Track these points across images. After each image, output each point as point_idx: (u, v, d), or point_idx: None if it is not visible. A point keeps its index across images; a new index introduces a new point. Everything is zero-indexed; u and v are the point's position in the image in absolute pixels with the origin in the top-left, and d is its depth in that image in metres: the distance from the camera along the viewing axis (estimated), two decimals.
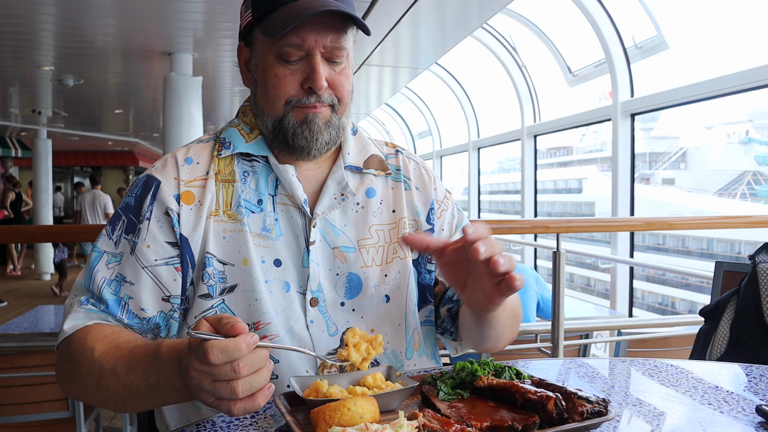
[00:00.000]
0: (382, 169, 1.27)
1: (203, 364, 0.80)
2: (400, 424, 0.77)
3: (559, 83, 7.85)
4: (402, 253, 1.23)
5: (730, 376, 1.09)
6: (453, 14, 5.97)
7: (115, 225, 1.15)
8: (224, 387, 0.80)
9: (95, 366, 0.98)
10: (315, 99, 1.12)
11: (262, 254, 1.14)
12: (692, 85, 5.29)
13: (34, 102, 10.21)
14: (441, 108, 12.07)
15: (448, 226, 1.31)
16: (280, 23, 1.07)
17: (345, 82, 1.16)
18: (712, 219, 3.65)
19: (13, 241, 10.09)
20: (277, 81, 1.12)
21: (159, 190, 1.13)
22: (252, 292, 1.12)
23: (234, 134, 1.21)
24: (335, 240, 1.19)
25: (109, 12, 5.31)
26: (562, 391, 0.85)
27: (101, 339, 1.01)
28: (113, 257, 1.12)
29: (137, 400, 0.96)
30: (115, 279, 1.10)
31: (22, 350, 2.53)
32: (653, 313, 10.93)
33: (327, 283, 1.17)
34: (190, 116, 6.53)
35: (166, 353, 0.90)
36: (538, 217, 8.41)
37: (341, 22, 1.11)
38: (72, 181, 21.07)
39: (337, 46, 1.11)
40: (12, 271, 12.15)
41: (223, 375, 0.79)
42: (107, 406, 1.03)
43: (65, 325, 1.07)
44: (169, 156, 1.19)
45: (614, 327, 3.53)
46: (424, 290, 1.28)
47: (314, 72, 1.10)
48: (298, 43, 1.09)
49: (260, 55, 1.15)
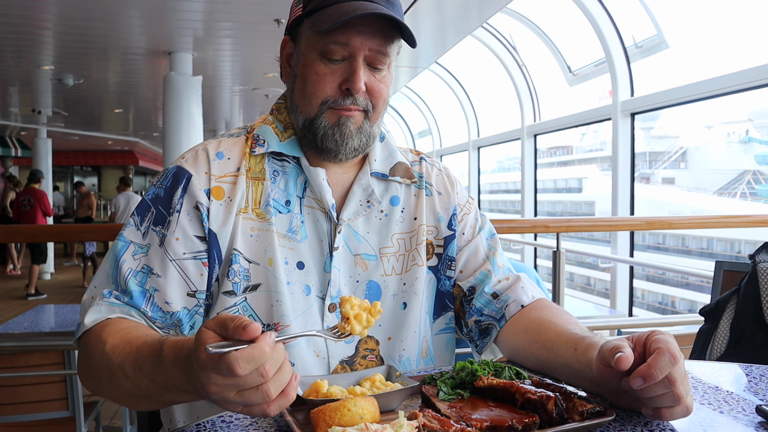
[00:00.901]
0: (408, 177, 1.26)
1: (227, 378, 0.74)
2: (400, 424, 0.77)
3: (559, 82, 7.85)
4: (420, 260, 1.22)
5: (730, 376, 1.09)
6: (453, 13, 5.97)
7: (144, 216, 1.12)
8: (254, 394, 0.76)
9: (105, 360, 0.95)
10: (351, 101, 1.11)
11: (286, 255, 1.13)
12: (692, 85, 5.29)
13: (34, 101, 10.22)
14: (441, 107, 12.08)
15: (470, 230, 1.29)
16: (329, 19, 1.06)
17: (383, 90, 1.15)
18: (712, 218, 3.65)
19: (13, 241, 10.09)
20: (317, 79, 1.11)
21: (190, 184, 1.12)
22: (275, 292, 1.11)
23: (268, 132, 1.19)
24: (357, 247, 1.18)
25: (109, 12, 5.31)
26: (562, 391, 0.85)
27: (115, 333, 0.99)
28: (140, 248, 1.10)
29: (148, 399, 0.94)
30: (141, 270, 1.08)
31: (22, 350, 2.53)
32: (653, 312, 10.94)
33: (346, 290, 1.16)
34: (189, 115, 6.53)
35: (168, 356, 0.86)
36: (538, 216, 8.41)
37: (389, 29, 1.10)
38: (72, 181, 21.06)
39: (381, 51, 1.11)
40: (12, 270, 12.15)
41: (250, 383, 0.75)
42: (123, 402, 1.00)
43: (86, 319, 1.04)
44: (200, 148, 1.17)
45: (614, 326, 3.54)
46: (443, 297, 1.26)
47: (354, 74, 1.09)
48: (344, 42, 1.08)
49: (304, 50, 1.14)
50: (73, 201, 19.31)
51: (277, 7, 5.19)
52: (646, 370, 0.79)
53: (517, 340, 1.15)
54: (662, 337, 0.83)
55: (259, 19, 5.50)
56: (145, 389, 0.91)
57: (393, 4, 1.13)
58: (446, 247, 1.26)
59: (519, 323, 1.17)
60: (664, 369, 0.79)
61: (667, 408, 0.81)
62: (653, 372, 0.79)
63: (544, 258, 8.49)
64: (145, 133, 15.94)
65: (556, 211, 13.65)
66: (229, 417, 0.90)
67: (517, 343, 1.15)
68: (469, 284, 1.25)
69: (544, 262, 8.67)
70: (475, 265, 1.26)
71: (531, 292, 1.22)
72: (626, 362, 0.81)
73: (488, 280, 1.23)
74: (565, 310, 1.17)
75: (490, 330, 1.22)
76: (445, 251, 1.26)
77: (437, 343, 1.26)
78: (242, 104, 11.04)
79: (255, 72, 7.99)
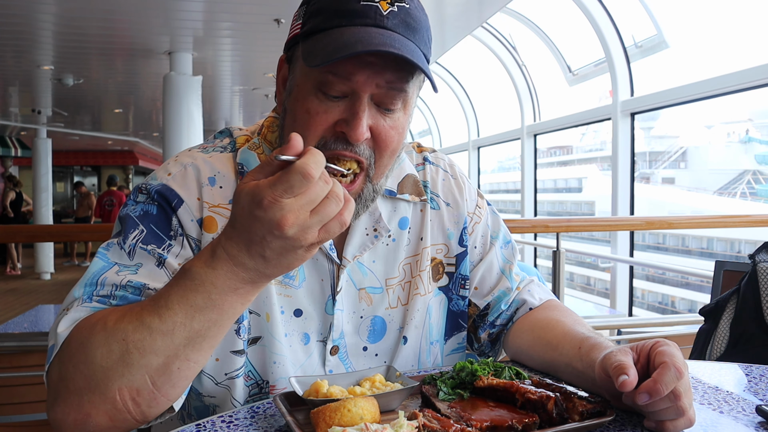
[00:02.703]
0: (417, 194, 1.12)
1: (301, 194, 0.70)
2: (400, 424, 0.77)
3: (559, 82, 7.85)
4: (422, 289, 1.11)
5: (730, 376, 1.09)
6: (453, 13, 5.97)
7: (128, 234, 0.94)
8: (328, 203, 0.72)
9: (115, 336, 0.77)
10: (347, 147, 0.91)
11: (282, 304, 1.02)
12: (692, 84, 5.29)
13: (34, 101, 10.22)
14: (441, 107, 12.08)
15: (482, 240, 1.18)
16: (323, 50, 0.86)
17: (392, 137, 0.94)
18: (712, 218, 3.65)
19: (13, 241, 10.08)
20: (308, 118, 0.91)
21: (181, 211, 0.97)
22: (271, 352, 1.01)
23: (252, 160, 1.02)
24: (362, 281, 1.07)
25: (109, 12, 5.31)
26: (562, 391, 0.85)
27: (110, 313, 0.82)
28: (126, 267, 0.92)
29: (188, 347, 0.77)
30: (130, 285, 0.90)
31: (22, 350, 2.53)
32: (653, 312, 10.94)
33: (350, 328, 1.06)
34: (189, 115, 6.53)
35: (200, 260, 0.76)
36: (538, 216, 8.41)
37: (406, 62, 0.87)
38: (72, 181, 21.05)
39: (395, 87, 0.90)
40: (12, 270, 12.15)
41: (320, 192, 0.71)
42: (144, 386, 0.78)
43: (59, 329, 0.83)
44: (188, 163, 1.00)
45: (614, 326, 3.54)
46: (456, 318, 1.16)
47: (354, 117, 0.89)
48: (345, 76, 0.88)
49: (297, 78, 0.94)
50: (73, 201, 19.30)
51: (277, 7, 5.19)
52: (651, 385, 0.77)
53: (522, 339, 1.11)
54: (667, 349, 0.81)
55: (259, 19, 5.50)
56: (181, 330, 0.76)
57: (414, 30, 0.91)
58: (458, 266, 1.15)
59: (525, 323, 1.13)
60: (670, 384, 0.77)
61: (671, 421, 0.80)
62: (659, 387, 0.77)
63: (544, 258, 8.50)
64: (145, 133, 15.93)
65: (556, 211, 13.65)
66: (229, 417, 0.90)
67: (522, 342, 1.11)
68: (485, 302, 1.17)
69: (544, 262, 8.67)
70: (491, 282, 1.17)
71: (539, 295, 1.18)
72: (629, 386, 0.78)
73: (506, 296, 1.16)
74: (573, 311, 1.14)
75: (499, 336, 1.19)
76: (457, 270, 1.15)
77: (448, 364, 1.18)
78: (242, 104, 11.05)
79: (255, 72, 8.00)
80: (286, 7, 5.18)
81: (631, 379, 0.79)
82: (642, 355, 0.83)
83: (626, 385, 0.78)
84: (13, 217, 12.45)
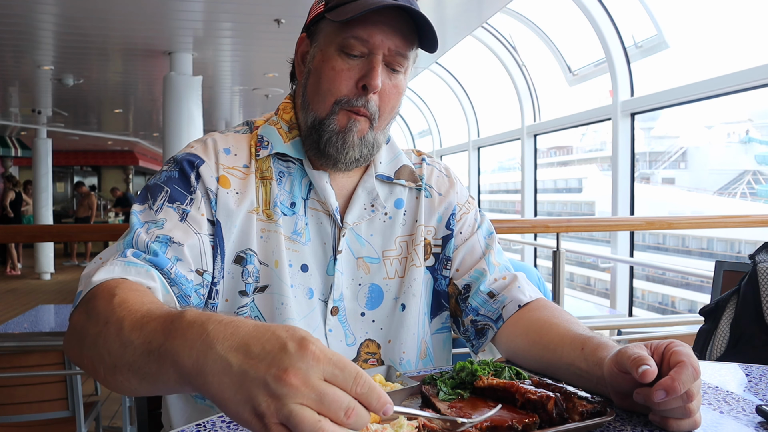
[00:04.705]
0: (412, 180, 1.25)
1: (339, 382, 0.60)
2: (400, 424, 0.77)
3: (559, 82, 7.85)
4: (417, 261, 1.22)
5: (730, 376, 1.09)
6: (453, 13, 5.97)
7: (156, 197, 1.07)
8: (339, 407, 0.59)
9: (105, 312, 0.81)
10: (362, 102, 1.09)
11: (290, 258, 1.13)
12: (692, 85, 5.29)
13: (34, 101, 10.22)
14: (441, 107, 12.08)
15: (468, 228, 1.28)
16: (353, 10, 1.05)
17: (393, 97, 1.13)
18: (712, 218, 3.65)
19: (13, 241, 10.09)
20: (334, 74, 1.09)
21: (202, 169, 1.11)
22: (279, 295, 1.10)
23: (272, 133, 1.18)
24: (360, 250, 1.18)
25: (109, 12, 5.32)
26: (562, 391, 0.85)
27: (131, 290, 0.86)
28: (154, 224, 1.04)
29: (126, 369, 0.74)
30: (159, 240, 1.01)
31: (22, 350, 2.54)
32: (653, 312, 10.94)
33: (349, 293, 1.16)
34: (189, 115, 6.53)
35: (194, 314, 0.69)
36: (538, 216, 8.41)
37: (410, 32, 1.09)
38: (72, 181, 21.05)
39: (401, 53, 1.10)
40: (12, 270, 12.15)
41: (340, 401, 0.59)
42: (97, 371, 0.80)
43: (95, 277, 0.90)
44: (208, 139, 1.17)
45: (614, 326, 3.54)
46: (439, 297, 1.26)
47: (373, 70, 1.08)
48: (364, 38, 1.07)
49: (322, 45, 1.12)
50: (73, 201, 19.30)
51: (277, 7, 5.19)
52: (669, 383, 0.78)
53: (517, 343, 1.13)
54: (683, 349, 0.82)
55: (259, 19, 5.50)
56: (130, 350, 0.73)
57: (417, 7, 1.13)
58: (444, 247, 1.25)
59: (518, 325, 1.14)
60: (687, 383, 0.78)
61: (676, 420, 0.81)
62: (676, 385, 0.78)
63: (544, 258, 8.49)
64: (145, 133, 15.93)
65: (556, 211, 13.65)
66: (229, 417, 0.90)
67: (517, 346, 1.13)
68: (464, 282, 1.23)
69: (544, 262, 8.67)
70: (471, 262, 1.24)
71: (528, 292, 1.19)
72: (651, 376, 0.79)
73: (483, 278, 1.22)
74: (564, 310, 1.16)
75: (486, 330, 1.21)
76: (442, 251, 1.25)
77: (435, 343, 1.26)
78: (242, 104, 11.05)
79: (255, 72, 7.99)
80: (286, 7, 5.19)
81: (652, 369, 0.79)
82: (656, 354, 0.84)
83: (647, 374, 0.79)
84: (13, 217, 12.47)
